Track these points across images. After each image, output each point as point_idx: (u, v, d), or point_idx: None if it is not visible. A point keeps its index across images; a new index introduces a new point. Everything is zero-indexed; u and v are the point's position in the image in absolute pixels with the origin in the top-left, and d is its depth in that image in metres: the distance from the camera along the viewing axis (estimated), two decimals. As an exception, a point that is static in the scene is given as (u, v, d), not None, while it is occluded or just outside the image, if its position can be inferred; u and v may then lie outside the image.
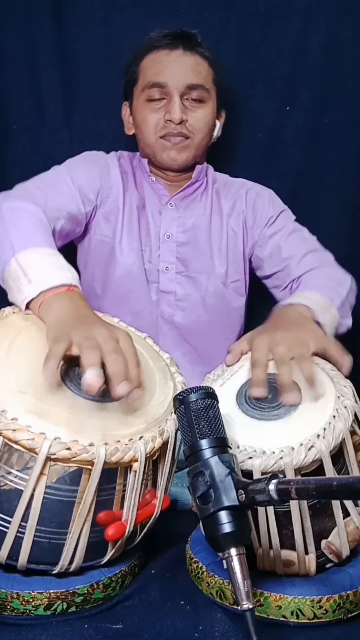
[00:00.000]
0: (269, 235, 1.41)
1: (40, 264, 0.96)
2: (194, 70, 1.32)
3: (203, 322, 1.42)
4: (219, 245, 1.41)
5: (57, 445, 0.77)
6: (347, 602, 0.86)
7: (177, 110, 1.30)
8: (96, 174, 1.36)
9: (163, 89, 1.31)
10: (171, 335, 1.41)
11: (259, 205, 1.43)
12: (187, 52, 1.32)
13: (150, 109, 1.33)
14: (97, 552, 0.86)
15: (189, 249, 1.40)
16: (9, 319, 0.93)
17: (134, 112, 1.38)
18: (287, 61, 1.56)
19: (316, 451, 0.83)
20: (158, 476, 0.89)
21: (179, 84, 1.30)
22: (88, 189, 1.33)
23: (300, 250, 1.37)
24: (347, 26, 1.54)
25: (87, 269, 1.41)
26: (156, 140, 1.34)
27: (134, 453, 0.80)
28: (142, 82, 1.34)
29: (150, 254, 1.38)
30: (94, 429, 0.80)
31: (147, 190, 1.40)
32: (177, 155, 1.35)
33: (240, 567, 0.68)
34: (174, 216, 1.40)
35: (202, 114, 1.34)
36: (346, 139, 1.59)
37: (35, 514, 0.79)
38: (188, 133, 1.33)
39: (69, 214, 1.27)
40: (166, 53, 1.32)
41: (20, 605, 0.83)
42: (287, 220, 1.43)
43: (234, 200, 1.43)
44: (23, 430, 0.77)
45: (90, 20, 1.53)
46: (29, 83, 1.53)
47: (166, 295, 1.39)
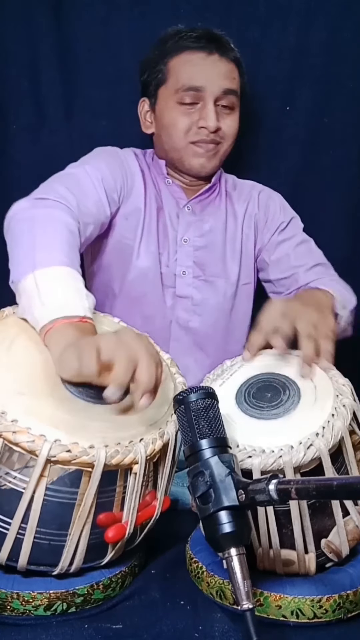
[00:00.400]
0: (279, 241, 1.41)
1: (57, 287, 0.90)
2: (230, 76, 1.31)
3: (219, 327, 1.41)
4: (233, 248, 1.41)
5: (57, 447, 0.76)
6: (347, 602, 0.86)
7: (213, 118, 1.28)
8: (118, 171, 1.32)
9: (198, 93, 1.28)
10: (185, 342, 1.39)
11: (270, 208, 1.43)
12: (222, 57, 1.30)
13: (181, 112, 1.30)
14: (97, 554, 0.86)
15: (205, 253, 1.39)
16: (9, 320, 0.93)
17: (158, 112, 1.35)
18: (287, 61, 1.56)
19: (315, 450, 0.83)
20: (158, 478, 0.89)
21: (215, 90, 1.28)
22: (112, 189, 1.28)
23: (309, 261, 1.38)
24: (347, 26, 1.54)
25: (104, 268, 1.38)
26: (186, 146, 1.32)
27: (134, 455, 0.80)
28: (173, 84, 1.30)
29: (168, 258, 1.37)
30: (94, 431, 0.80)
31: (164, 192, 1.38)
32: (207, 162, 1.33)
33: (240, 567, 0.68)
34: (191, 220, 1.38)
35: (233, 121, 1.33)
36: (346, 139, 1.60)
37: (36, 516, 0.79)
38: (220, 140, 1.32)
39: (98, 220, 1.23)
40: (203, 56, 1.29)
41: (20, 605, 0.83)
42: (296, 228, 1.43)
43: (246, 203, 1.43)
44: (23, 432, 0.76)
45: (90, 21, 1.53)
46: (29, 83, 1.53)
47: (183, 300, 1.38)
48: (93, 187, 1.23)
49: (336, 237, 1.62)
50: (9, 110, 1.54)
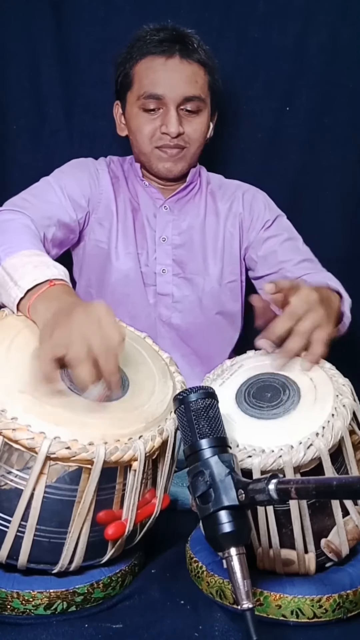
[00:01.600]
0: (265, 238, 1.41)
1: (24, 265, 0.95)
2: (191, 80, 1.29)
3: (200, 323, 1.42)
4: (214, 246, 1.41)
5: (57, 444, 0.77)
6: (347, 602, 0.86)
7: (174, 124, 1.28)
8: (85, 180, 1.35)
9: (159, 100, 1.29)
10: (170, 337, 1.41)
11: (255, 207, 1.44)
12: (183, 59, 1.29)
13: (145, 118, 1.31)
14: (97, 552, 0.86)
15: (184, 251, 1.40)
16: (8, 320, 0.94)
17: (127, 117, 1.36)
18: (287, 61, 1.56)
19: (315, 449, 0.83)
20: (158, 475, 0.89)
21: (176, 96, 1.28)
22: (78, 195, 1.32)
23: (296, 256, 1.38)
24: (347, 26, 1.54)
25: (83, 275, 1.41)
26: (152, 150, 1.33)
27: (133, 452, 0.80)
28: (137, 90, 1.31)
29: (147, 257, 1.39)
30: (94, 428, 0.80)
31: (140, 194, 1.40)
32: (173, 166, 1.34)
33: (240, 566, 0.68)
34: (169, 219, 1.40)
35: (198, 124, 1.33)
36: (346, 139, 1.60)
37: (35, 514, 0.79)
38: (184, 144, 1.32)
39: (60, 222, 1.26)
40: (162, 62, 1.29)
41: (20, 604, 0.83)
42: (282, 226, 1.44)
43: (230, 202, 1.44)
44: (23, 429, 0.77)
45: (90, 21, 1.53)
46: (29, 83, 1.54)
47: (163, 297, 1.40)
48: (53, 192, 1.29)
49: (336, 237, 1.62)
50: (9, 110, 1.54)
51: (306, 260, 1.38)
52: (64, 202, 1.29)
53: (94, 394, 0.81)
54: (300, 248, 1.42)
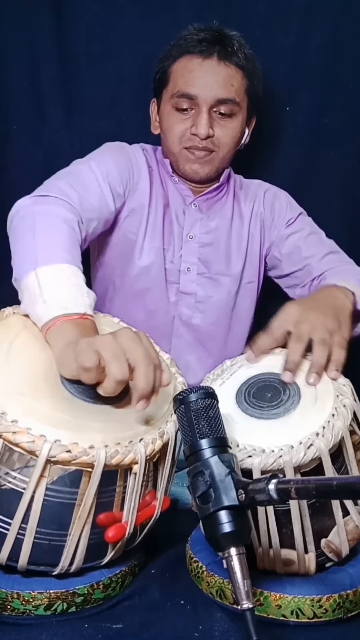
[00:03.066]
0: (288, 234, 1.41)
1: (58, 285, 0.91)
2: (226, 83, 1.27)
3: (221, 324, 1.41)
4: (238, 247, 1.41)
5: (57, 447, 0.76)
6: (347, 602, 0.86)
7: (204, 126, 1.26)
8: (125, 166, 1.32)
9: (192, 100, 1.27)
10: (187, 338, 1.40)
11: (276, 207, 1.43)
12: (221, 61, 1.27)
13: (177, 118, 1.30)
14: (97, 554, 0.86)
15: (211, 250, 1.39)
16: (8, 320, 0.93)
17: (161, 115, 1.35)
18: (287, 61, 1.56)
19: (315, 449, 0.84)
20: (158, 477, 0.89)
21: (208, 98, 1.26)
22: (118, 183, 1.28)
23: (321, 250, 1.37)
24: (347, 26, 1.54)
25: (107, 262, 1.39)
26: (180, 151, 1.32)
27: (134, 455, 0.80)
28: (171, 88, 1.30)
29: (173, 254, 1.37)
30: (94, 431, 0.80)
31: (170, 189, 1.39)
32: (199, 168, 1.33)
33: (240, 566, 0.68)
34: (198, 217, 1.39)
35: (230, 129, 1.31)
36: (346, 139, 1.60)
37: (36, 516, 0.79)
38: (213, 147, 1.31)
39: (101, 216, 1.23)
40: (199, 62, 1.27)
41: (20, 605, 0.83)
42: (305, 222, 1.43)
43: (252, 203, 1.43)
44: (23, 432, 0.77)
45: (90, 21, 1.53)
46: (29, 83, 1.53)
47: (186, 296, 1.38)
48: (96, 182, 1.23)
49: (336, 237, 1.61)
50: (9, 110, 1.54)
51: (331, 252, 1.37)
52: (106, 192, 1.24)
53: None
54: (325, 241, 1.41)
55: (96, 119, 1.56)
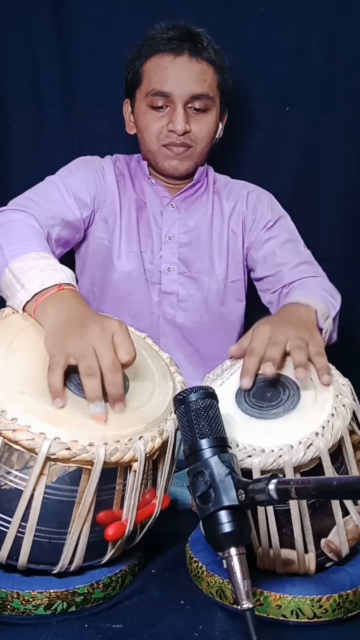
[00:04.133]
0: (265, 239, 1.41)
1: (32, 269, 0.95)
2: (199, 79, 1.29)
3: (205, 322, 1.42)
4: (220, 245, 1.41)
5: (57, 445, 0.77)
6: (347, 602, 0.86)
7: (180, 122, 1.28)
8: (91, 178, 1.35)
9: (167, 97, 1.29)
10: (173, 337, 1.41)
11: (258, 208, 1.43)
12: (192, 58, 1.29)
13: (152, 116, 1.31)
14: (97, 552, 0.86)
15: (190, 249, 1.40)
16: (8, 320, 0.94)
17: (135, 114, 1.36)
18: (287, 61, 1.56)
19: (315, 449, 0.84)
20: (158, 476, 0.89)
21: (183, 94, 1.28)
22: (84, 193, 1.32)
23: (295, 259, 1.37)
24: (347, 26, 1.54)
25: (86, 273, 1.41)
26: (158, 149, 1.33)
27: (133, 453, 0.80)
28: (145, 87, 1.31)
29: (152, 255, 1.38)
30: (94, 429, 0.80)
31: (147, 192, 1.40)
32: (179, 164, 1.34)
33: (240, 566, 0.68)
34: (176, 217, 1.40)
35: (206, 123, 1.33)
36: (346, 139, 1.60)
37: (35, 514, 0.79)
38: (190, 143, 1.32)
39: (64, 221, 1.26)
40: (171, 59, 1.29)
41: (20, 604, 0.83)
42: (284, 227, 1.43)
43: (235, 202, 1.44)
44: (23, 430, 0.77)
45: (90, 21, 1.53)
46: (29, 83, 1.53)
47: (168, 296, 1.40)
48: (59, 192, 1.28)
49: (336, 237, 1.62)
50: (9, 110, 1.54)
51: (304, 263, 1.37)
52: (69, 200, 1.29)
53: (96, 411, 0.81)
54: (301, 250, 1.41)
55: (96, 119, 1.56)
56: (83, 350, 0.82)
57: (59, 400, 0.80)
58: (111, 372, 0.82)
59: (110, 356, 0.82)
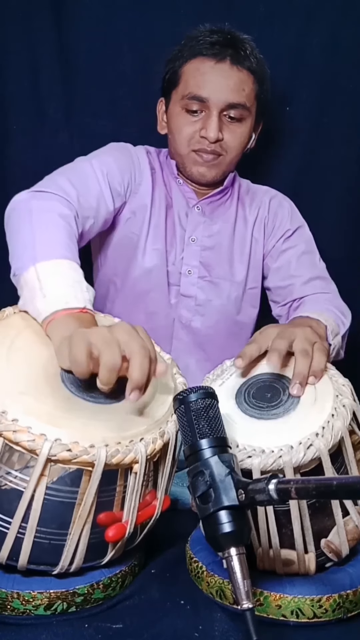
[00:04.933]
0: (283, 249, 1.40)
1: (58, 280, 0.92)
2: (238, 88, 1.27)
3: (220, 329, 1.41)
4: (241, 252, 1.41)
5: (58, 446, 0.77)
6: (347, 602, 0.86)
7: (214, 129, 1.26)
8: (126, 166, 1.32)
9: (202, 103, 1.27)
10: (186, 341, 1.40)
11: (279, 215, 1.43)
12: (233, 65, 1.26)
13: (186, 119, 1.30)
14: (98, 553, 0.86)
15: (212, 254, 1.39)
16: (9, 320, 0.93)
17: (169, 115, 1.35)
18: (287, 61, 1.56)
19: (315, 450, 0.84)
20: (158, 477, 0.89)
21: (220, 101, 1.26)
22: (119, 182, 1.29)
23: (308, 273, 1.37)
24: (347, 26, 1.54)
25: (108, 263, 1.39)
26: (188, 153, 1.32)
27: (134, 454, 0.80)
28: (182, 89, 1.29)
29: (175, 256, 1.37)
30: (95, 431, 0.80)
31: (174, 191, 1.39)
32: (206, 171, 1.33)
33: (240, 566, 0.68)
34: (200, 220, 1.39)
35: (239, 133, 1.31)
36: (346, 139, 1.60)
37: (36, 515, 0.79)
38: (221, 151, 1.31)
39: (99, 214, 1.23)
40: (211, 64, 1.26)
41: (20, 605, 0.83)
42: (302, 238, 1.42)
43: (258, 208, 1.43)
44: (23, 431, 0.77)
45: (90, 21, 1.53)
46: (29, 83, 1.53)
47: (186, 299, 1.38)
48: (96, 180, 1.24)
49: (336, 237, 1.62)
50: (9, 111, 1.54)
51: (318, 278, 1.36)
52: (105, 190, 1.25)
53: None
54: (316, 264, 1.40)
55: (96, 119, 1.56)
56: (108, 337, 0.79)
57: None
58: (139, 354, 0.79)
59: (140, 341, 0.80)
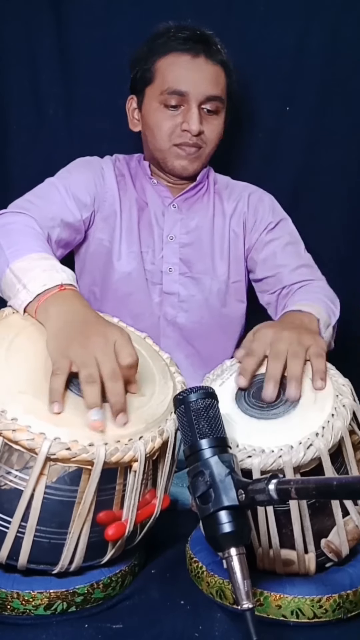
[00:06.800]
0: (267, 241, 1.41)
1: (33, 269, 0.96)
2: (214, 81, 1.30)
3: (205, 323, 1.42)
4: (221, 246, 1.41)
5: (57, 445, 0.77)
6: (347, 602, 0.86)
7: (196, 122, 1.28)
8: (90, 178, 1.35)
9: (182, 97, 1.29)
10: (174, 337, 1.41)
11: (259, 209, 1.44)
12: (208, 60, 1.30)
13: (165, 114, 1.31)
14: (97, 552, 0.86)
15: (192, 250, 1.40)
16: (8, 319, 0.94)
17: (144, 112, 1.36)
18: (287, 61, 1.56)
19: (315, 449, 0.83)
20: (158, 476, 0.89)
21: (199, 95, 1.29)
22: (84, 194, 1.32)
23: (295, 262, 1.38)
24: (347, 26, 1.54)
25: (86, 273, 1.41)
26: (169, 148, 1.33)
27: (133, 453, 0.80)
28: (159, 85, 1.31)
29: (154, 256, 1.38)
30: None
31: (148, 192, 1.40)
32: (189, 164, 1.35)
33: (240, 566, 0.68)
34: (177, 217, 1.40)
35: (217, 125, 1.34)
36: (346, 139, 1.59)
37: (35, 514, 0.79)
38: (202, 143, 1.33)
39: (64, 222, 1.26)
40: (188, 59, 1.29)
41: (20, 605, 0.83)
42: (285, 230, 1.43)
43: (236, 202, 1.44)
44: (23, 430, 0.77)
45: (90, 20, 1.53)
46: (29, 83, 1.53)
47: (170, 296, 1.39)
48: (58, 193, 1.28)
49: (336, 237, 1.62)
50: (9, 110, 1.54)
51: (304, 266, 1.37)
52: (69, 202, 1.29)
53: (94, 418, 0.81)
54: (301, 254, 1.41)
55: (96, 119, 1.56)
56: (85, 359, 0.83)
57: (57, 405, 0.81)
58: (111, 381, 0.83)
59: (111, 365, 0.83)
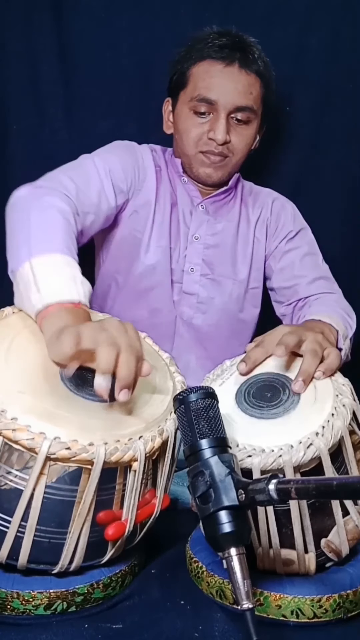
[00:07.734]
0: (286, 250, 1.41)
1: (52, 275, 0.92)
2: (246, 91, 1.28)
3: (222, 327, 1.42)
4: (244, 252, 1.41)
5: (57, 444, 0.77)
6: (347, 602, 0.86)
7: (222, 132, 1.27)
8: (130, 164, 1.33)
9: (211, 105, 1.28)
10: (187, 338, 1.40)
11: (282, 216, 1.44)
12: (242, 69, 1.28)
13: (194, 121, 1.31)
14: (97, 552, 0.86)
15: (215, 252, 1.39)
16: (8, 320, 0.94)
17: (176, 116, 1.35)
18: (287, 61, 1.56)
19: (315, 449, 0.83)
20: (158, 475, 0.89)
21: (228, 104, 1.27)
22: (122, 180, 1.29)
23: (312, 273, 1.38)
24: (347, 26, 1.54)
25: (111, 259, 1.39)
26: (195, 154, 1.33)
27: (133, 452, 0.80)
28: (190, 90, 1.30)
29: (178, 254, 1.38)
30: (94, 429, 0.80)
31: (179, 189, 1.39)
32: (213, 172, 1.34)
33: (240, 566, 0.68)
34: (204, 218, 1.39)
35: (245, 135, 1.32)
36: (346, 139, 1.60)
37: (35, 514, 0.79)
38: (228, 153, 1.32)
39: (100, 210, 1.23)
40: (220, 67, 1.27)
41: (20, 604, 0.83)
42: (304, 239, 1.43)
43: (260, 209, 1.44)
44: (23, 430, 0.77)
45: (90, 20, 1.53)
46: (29, 83, 1.53)
47: (188, 296, 1.39)
48: (98, 176, 1.24)
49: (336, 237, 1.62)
50: (9, 110, 1.54)
51: (322, 278, 1.37)
52: (107, 187, 1.25)
53: (101, 384, 0.79)
54: (320, 265, 1.41)
55: (96, 119, 1.56)
56: (99, 332, 0.80)
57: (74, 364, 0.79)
58: (127, 352, 0.80)
59: (127, 339, 0.81)
